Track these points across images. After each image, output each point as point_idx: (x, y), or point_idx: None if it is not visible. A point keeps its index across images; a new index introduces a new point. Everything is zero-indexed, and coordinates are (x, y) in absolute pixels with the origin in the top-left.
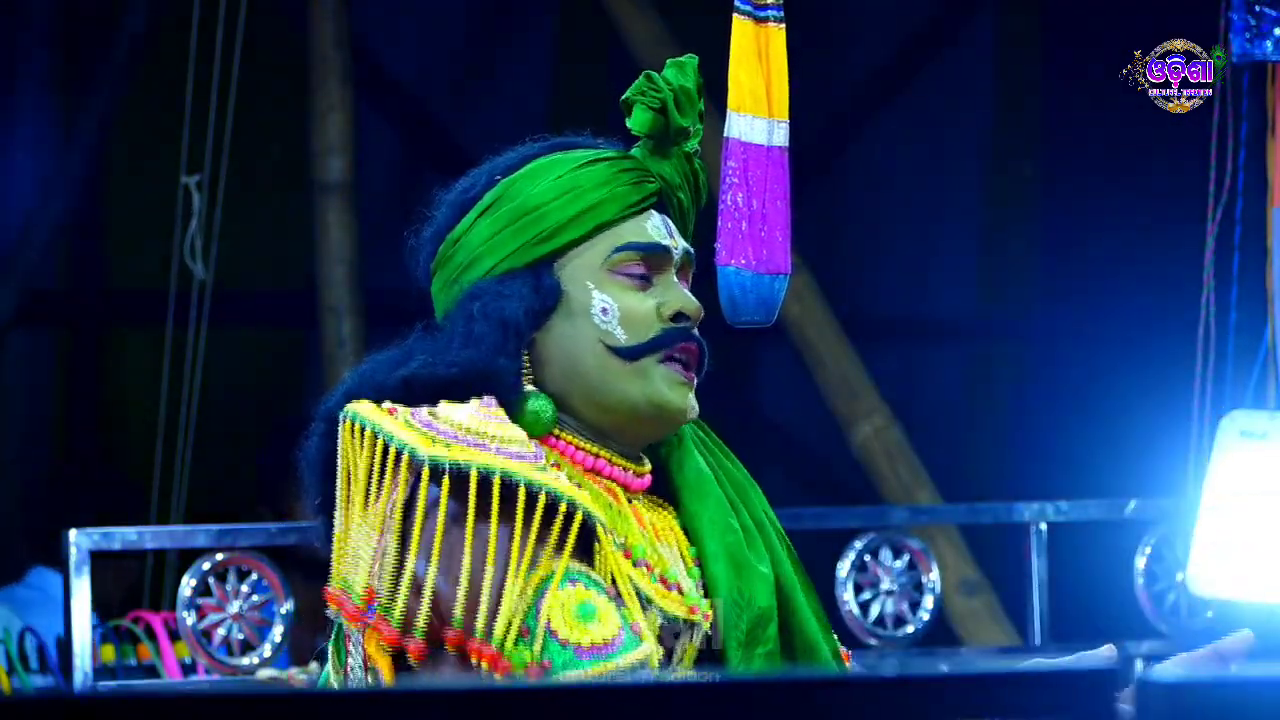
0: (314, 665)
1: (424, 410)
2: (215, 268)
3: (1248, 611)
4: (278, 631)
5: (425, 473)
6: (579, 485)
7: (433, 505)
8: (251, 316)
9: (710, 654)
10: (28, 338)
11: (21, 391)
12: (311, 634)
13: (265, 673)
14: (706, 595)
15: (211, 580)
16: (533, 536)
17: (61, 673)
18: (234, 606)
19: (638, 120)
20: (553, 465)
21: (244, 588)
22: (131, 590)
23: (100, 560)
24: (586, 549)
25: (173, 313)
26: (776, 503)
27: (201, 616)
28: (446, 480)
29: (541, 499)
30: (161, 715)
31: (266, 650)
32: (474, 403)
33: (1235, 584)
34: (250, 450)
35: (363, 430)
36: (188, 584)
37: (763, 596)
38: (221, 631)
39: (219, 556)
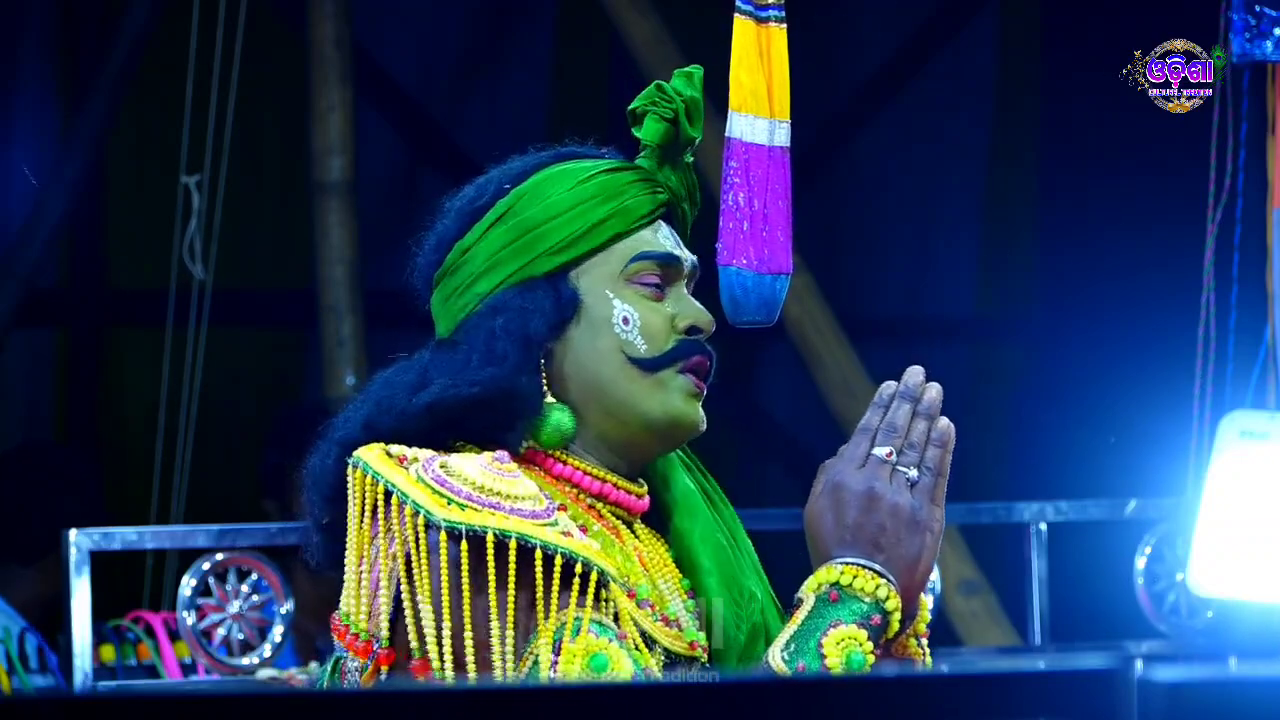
0: (314, 665)
1: (435, 463)
2: (215, 268)
3: (1248, 611)
4: (278, 631)
5: (443, 536)
6: (584, 527)
7: (453, 566)
8: (251, 316)
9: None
10: (28, 338)
11: (21, 391)
12: (315, 626)
13: (265, 673)
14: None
15: (211, 580)
16: (554, 598)
17: (61, 672)
18: (234, 606)
19: (649, 131)
20: (559, 508)
21: (244, 588)
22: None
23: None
24: (596, 595)
25: (173, 312)
26: (777, 503)
27: (201, 616)
28: (465, 544)
29: (558, 559)
30: (161, 715)
31: (266, 650)
32: (486, 456)
33: (1235, 584)
34: (250, 450)
35: (375, 483)
36: (188, 584)
37: (755, 613)
38: (221, 631)
39: (219, 556)
